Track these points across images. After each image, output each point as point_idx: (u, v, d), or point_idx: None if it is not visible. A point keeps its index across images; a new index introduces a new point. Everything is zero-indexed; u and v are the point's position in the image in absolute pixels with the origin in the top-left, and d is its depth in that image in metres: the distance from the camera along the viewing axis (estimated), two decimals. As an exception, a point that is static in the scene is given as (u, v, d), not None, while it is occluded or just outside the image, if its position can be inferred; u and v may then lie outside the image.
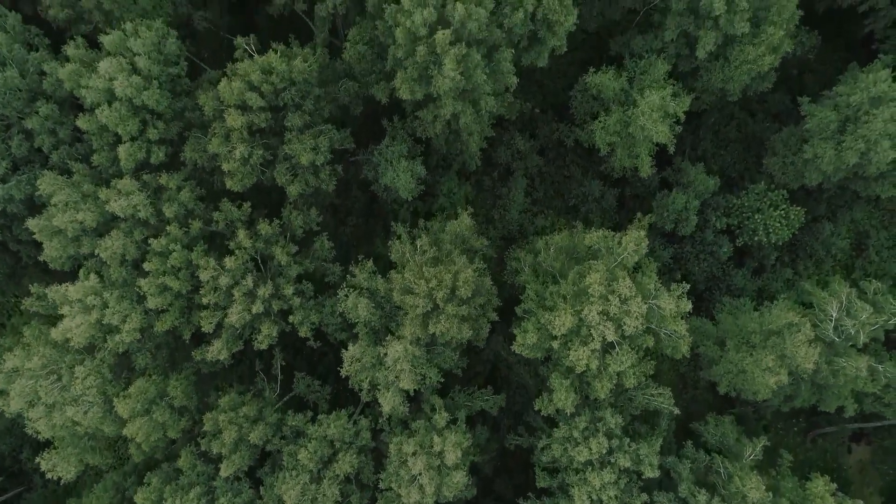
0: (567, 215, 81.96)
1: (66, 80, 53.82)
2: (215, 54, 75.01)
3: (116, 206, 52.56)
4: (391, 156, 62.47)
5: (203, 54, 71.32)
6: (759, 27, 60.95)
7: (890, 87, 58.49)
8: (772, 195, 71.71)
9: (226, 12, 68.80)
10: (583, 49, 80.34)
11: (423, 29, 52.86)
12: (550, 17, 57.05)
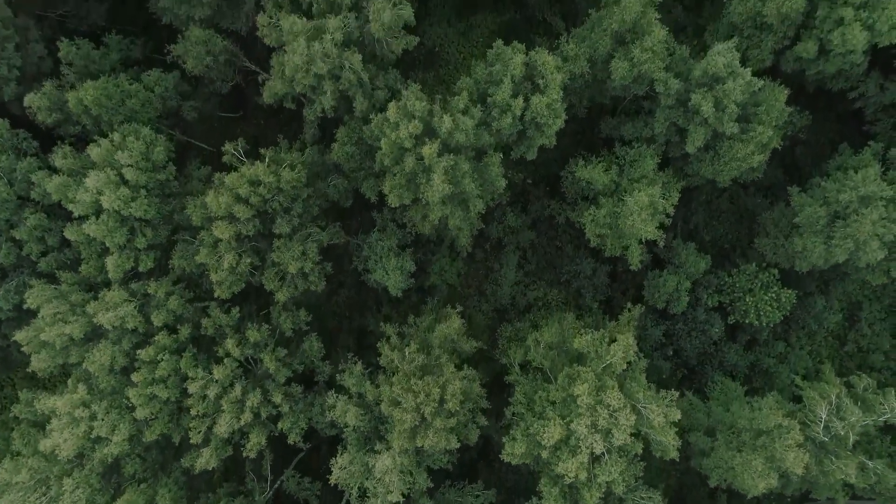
0: (559, 286, 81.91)
1: (54, 193, 53.85)
2: (207, 133, 75.09)
3: (104, 320, 52.55)
4: (381, 250, 62.48)
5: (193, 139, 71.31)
6: (749, 122, 60.93)
7: (878, 187, 58.45)
8: (763, 276, 71.68)
9: (216, 102, 68.64)
10: (575, 121, 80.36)
11: (410, 141, 52.85)
12: (539, 120, 57.04)
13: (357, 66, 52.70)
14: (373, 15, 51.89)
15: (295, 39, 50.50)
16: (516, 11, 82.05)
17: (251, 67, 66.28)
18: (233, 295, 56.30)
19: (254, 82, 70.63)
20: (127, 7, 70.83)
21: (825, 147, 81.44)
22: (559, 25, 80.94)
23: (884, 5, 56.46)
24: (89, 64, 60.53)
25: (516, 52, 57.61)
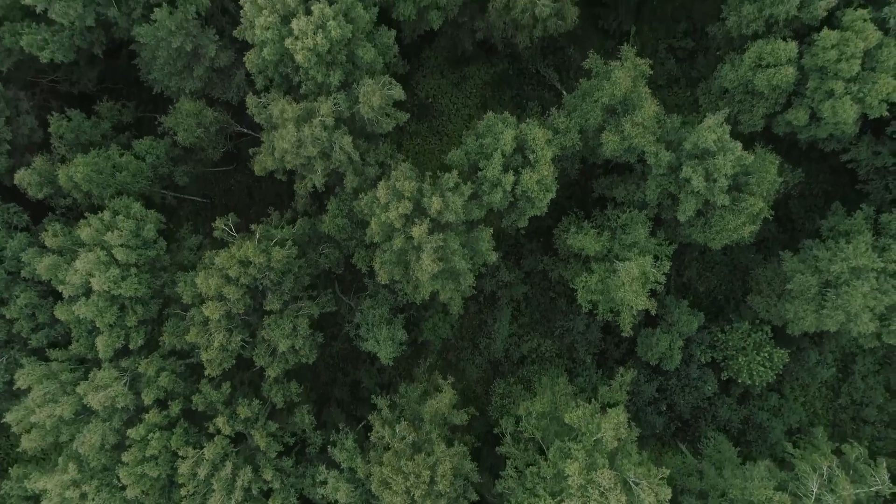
0: (553, 338, 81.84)
1: (44, 273, 53.84)
2: (201, 183, 74.97)
3: (94, 402, 52.52)
4: (372, 318, 62.44)
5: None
6: (740, 192, 60.92)
7: (870, 259, 58.41)
8: (755, 336, 71.67)
9: (208, 163, 68.58)
10: (567, 173, 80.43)
11: (399, 221, 52.83)
12: (530, 195, 57.02)
13: (347, 147, 52.69)
14: (362, 98, 51.89)
15: (284, 125, 50.47)
16: (509, 63, 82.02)
17: (244, 131, 66.40)
18: (224, 371, 56.24)
19: (247, 140, 70.81)
20: (118, 68, 70.76)
21: (819, 198, 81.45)
22: (552, 77, 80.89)
23: (874, 79, 56.43)
24: (80, 135, 60.57)
25: (507, 126, 57.61)
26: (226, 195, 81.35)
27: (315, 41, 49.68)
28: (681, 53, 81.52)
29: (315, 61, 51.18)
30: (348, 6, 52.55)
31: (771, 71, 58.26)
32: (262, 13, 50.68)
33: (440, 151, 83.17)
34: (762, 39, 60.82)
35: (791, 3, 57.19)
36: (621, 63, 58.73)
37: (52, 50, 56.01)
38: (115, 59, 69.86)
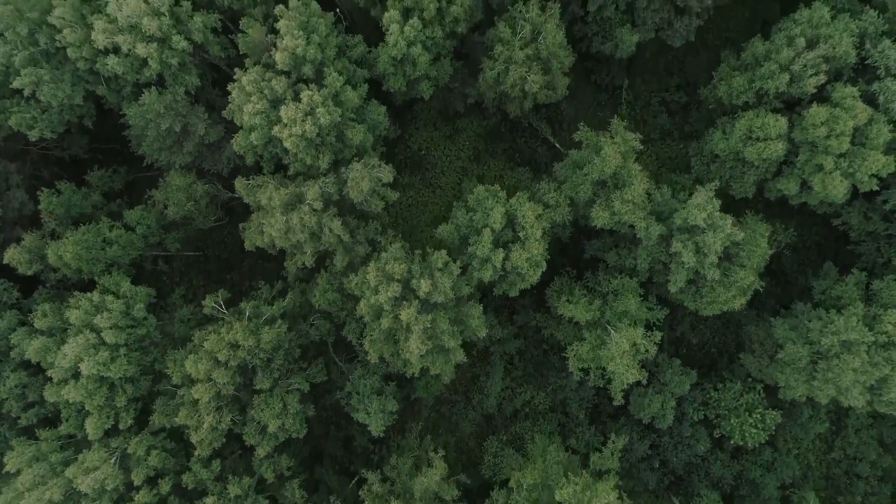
0: (546, 390, 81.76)
1: (34, 357, 53.83)
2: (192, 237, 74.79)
3: (84, 486, 52.45)
4: (363, 389, 62.36)
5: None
6: (731, 262, 60.85)
7: (860, 334, 58.30)
8: (748, 397, 71.59)
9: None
10: (559, 237, 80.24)
11: (388, 304, 52.80)
12: (520, 270, 57.01)
13: (337, 230, 52.68)
14: (351, 183, 51.88)
15: (272, 213, 50.44)
16: (502, 117, 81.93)
17: (236, 195, 66.29)
18: (214, 450, 56.18)
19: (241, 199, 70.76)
20: (109, 128, 70.69)
21: (812, 250, 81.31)
22: (544, 130, 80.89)
23: (864, 156, 56.39)
24: (71, 208, 60.51)
25: (497, 202, 57.55)
26: (218, 247, 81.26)
27: (303, 129, 49.68)
28: (674, 106, 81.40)
29: (304, 146, 51.16)
30: (337, 90, 52.52)
31: (761, 145, 58.23)
32: (249, 100, 50.64)
33: (433, 204, 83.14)
34: (753, 110, 60.81)
35: (781, 80, 57.17)
36: (611, 137, 58.62)
37: (41, 128, 56.00)
38: (107, 119, 69.96)
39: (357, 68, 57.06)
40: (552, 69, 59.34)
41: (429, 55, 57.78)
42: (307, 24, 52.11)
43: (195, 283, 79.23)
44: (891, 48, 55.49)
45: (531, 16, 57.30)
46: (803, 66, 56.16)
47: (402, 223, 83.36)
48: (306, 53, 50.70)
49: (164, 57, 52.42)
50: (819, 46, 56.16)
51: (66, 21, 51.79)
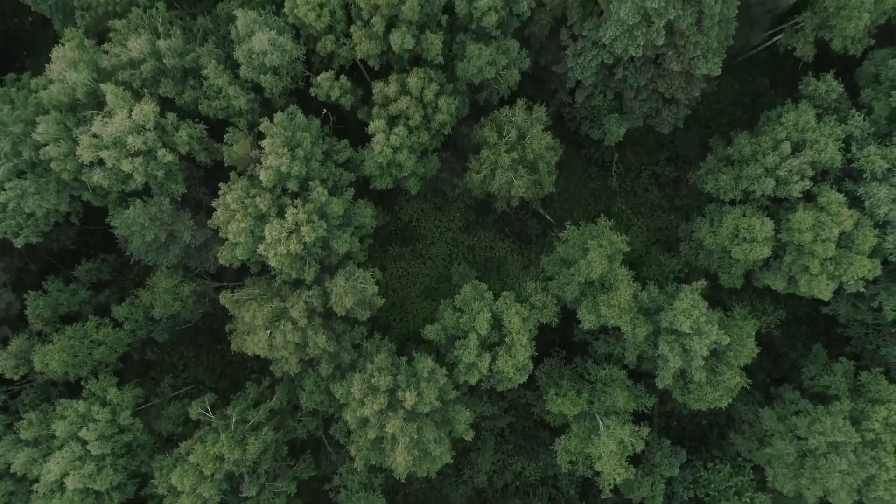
0: (538, 461, 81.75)
1: (20, 469, 53.74)
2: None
3: None
4: (352, 485, 62.38)
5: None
6: (718, 358, 60.87)
7: (847, 435, 58.25)
8: (737, 480, 71.56)
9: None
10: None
11: (374, 416, 52.81)
12: (507, 374, 57.02)
13: (322, 343, 52.63)
14: (335, 298, 51.84)
15: (255, 332, 50.43)
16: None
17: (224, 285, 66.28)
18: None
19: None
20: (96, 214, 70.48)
21: (802, 324, 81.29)
22: (535, 203, 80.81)
23: (850, 260, 56.39)
24: (58, 307, 60.45)
25: (483, 305, 57.51)
26: (209, 318, 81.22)
27: (288, 247, 49.65)
28: (663, 180, 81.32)
29: (289, 262, 51.14)
30: (322, 203, 52.49)
31: (747, 247, 58.24)
32: (234, 218, 50.61)
33: (423, 275, 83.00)
34: (740, 207, 60.81)
35: (767, 185, 57.19)
36: (597, 241, 58.53)
37: (26, 234, 55.97)
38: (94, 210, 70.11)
39: (343, 172, 57.07)
40: (539, 169, 59.31)
41: (415, 157, 57.82)
42: (292, 139, 52.09)
43: (186, 353, 79.17)
44: (876, 153, 55.46)
45: (517, 119, 57.27)
46: (789, 171, 56.15)
47: (391, 295, 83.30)
48: (291, 170, 50.67)
49: (150, 169, 52.40)
50: (805, 152, 56.15)
51: (50, 135, 51.75)
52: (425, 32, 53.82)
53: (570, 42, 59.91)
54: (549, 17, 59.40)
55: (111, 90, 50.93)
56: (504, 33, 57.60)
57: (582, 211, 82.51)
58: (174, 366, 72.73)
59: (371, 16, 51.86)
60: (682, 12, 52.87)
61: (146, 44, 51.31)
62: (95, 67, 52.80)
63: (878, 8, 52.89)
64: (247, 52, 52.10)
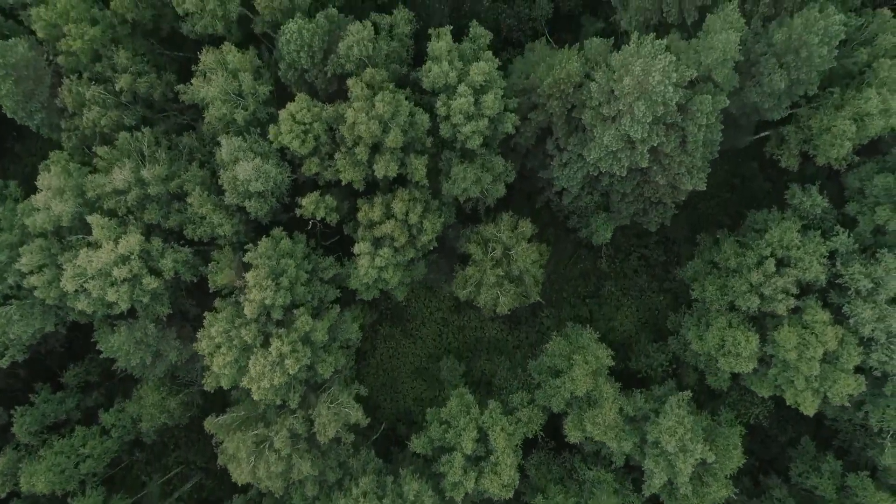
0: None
1: None
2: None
3: None
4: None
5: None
6: (705, 466, 60.95)
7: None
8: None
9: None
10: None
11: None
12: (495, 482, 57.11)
13: (306, 469, 52.72)
14: (318, 427, 51.94)
15: (238, 463, 50.52)
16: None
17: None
18: None
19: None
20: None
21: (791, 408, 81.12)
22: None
23: (835, 377, 56.49)
24: (45, 418, 60.54)
25: (469, 424, 57.59)
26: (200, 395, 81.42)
27: (272, 381, 49.74)
28: (653, 261, 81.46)
29: (273, 392, 51.23)
30: (308, 330, 52.55)
31: (733, 360, 58.37)
32: (219, 351, 50.70)
33: (413, 355, 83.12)
34: (726, 316, 60.87)
35: (752, 302, 57.32)
36: (582, 356, 58.61)
37: (11, 354, 56.05)
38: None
39: (329, 288, 57.17)
40: (525, 282, 59.39)
41: (401, 271, 57.93)
42: (276, 267, 52.18)
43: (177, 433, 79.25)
44: (861, 272, 55.53)
45: (502, 236, 57.36)
46: (773, 289, 56.24)
47: (382, 375, 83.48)
48: (275, 302, 50.76)
49: (135, 296, 52.45)
50: (789, 271, 56.25)
51: (34, 264, 51.84)
52: (410, 156, 53.92)
53: (557, 152, 59.96)
54: (534, 130, 59.45)
55: (96, 222, 51.01)
56: (490, 148, 57.68)
57: (572, 291, 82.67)
58: (165, 447, 72.68)
59: (355, 144, 51.92)
60: (666, 139, 52.97)
61: (130, 174, 51.36)
62: (81, 193, 52.83)
63: (861, 134, 52.93)
64: (231, 178, 52.18)
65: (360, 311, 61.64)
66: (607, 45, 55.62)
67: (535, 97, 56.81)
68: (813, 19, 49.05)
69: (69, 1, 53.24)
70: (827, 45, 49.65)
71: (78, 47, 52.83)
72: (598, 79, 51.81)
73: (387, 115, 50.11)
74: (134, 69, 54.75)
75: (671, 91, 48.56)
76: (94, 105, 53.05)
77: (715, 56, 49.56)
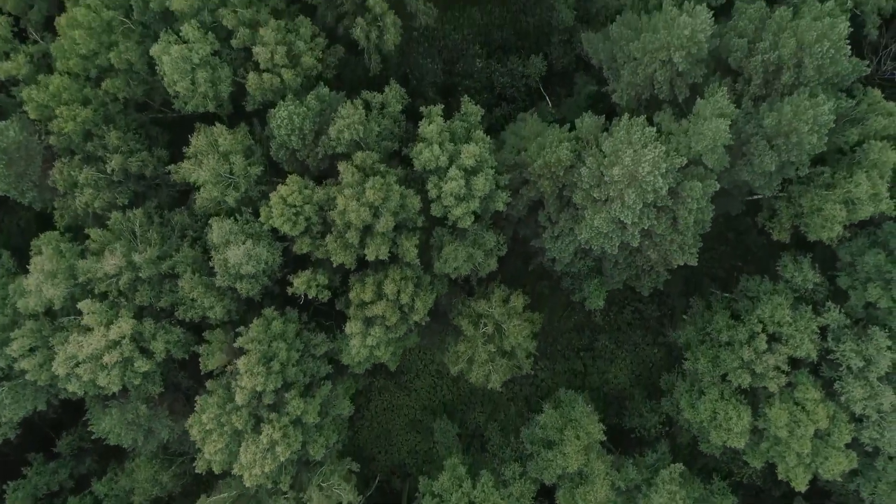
0: None
1: None
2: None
3: None
4: None
5: None
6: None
7: None
8: None
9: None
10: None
11: None
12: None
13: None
14: (311, 513, 52.01)
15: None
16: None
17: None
18: None
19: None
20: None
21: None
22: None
23: (826, 454, 56.58)
24: (38, 490, 60.65)
25: (461, 500, 57.68)
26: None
27: (263, 468, 49.81)
28: (647, 315, 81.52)
29: (264, 478, 51.30)
30: (300, 413, 52.62)
31: (724, 434, 58.45)
32: (210, 437, 50.77)
33: (408, 407, 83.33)
34: (718, 387, 60.91)
35: (744, 378, 57.39)
36: (574, 432, 58.68)
37: (3, 433, 56.10)
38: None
39: (321, 365, 57.26)
40: (517, 355, 59.49)
41: (394, 344, 58.03)
42: (268, 351, 52.25)
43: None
44: (852, 350, 55.57)
45: (494, 312, 57.44)
46: (765, 367, 56.31)
47: (376, 427, 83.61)
48: (266, 388, 50.84)
49: (126, 378, 52.54)
50: (780, 349, 56.32)
51: (25, 348, 51.95)
52: (401, 236, 53.99)
53: (548, 224, 60.02)
54: (526, 203, 59.50)
55: (88, 308, 51.08)
56: (481, 222, 57.74)
57: (566, 343, 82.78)
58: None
59: (346, 229, 51.98)
60: (657, 221, 53.06)
61: (122, 258, 51.43)
62: (73, 275, 52.87)
63: (851, 217, 53.00)
64: (222, 261, 52.23)
65: (353, 382, 61.60)
66: (598, 124, 55.66)
67: (526, 174, 56.87)
68: (803, 108, 49.08)
69: (62, 82, 53.42)
70: (817, 133, 49.69)
71: (70, 129, 52.89)
72: (588, 163, 51.86)
73: (377, 202, 50.17)
74: (125, 148, 54.78)
75: (661, 181, 48.62)
76: (87, 187, 53.09)
77: (705, 143, 49.61)
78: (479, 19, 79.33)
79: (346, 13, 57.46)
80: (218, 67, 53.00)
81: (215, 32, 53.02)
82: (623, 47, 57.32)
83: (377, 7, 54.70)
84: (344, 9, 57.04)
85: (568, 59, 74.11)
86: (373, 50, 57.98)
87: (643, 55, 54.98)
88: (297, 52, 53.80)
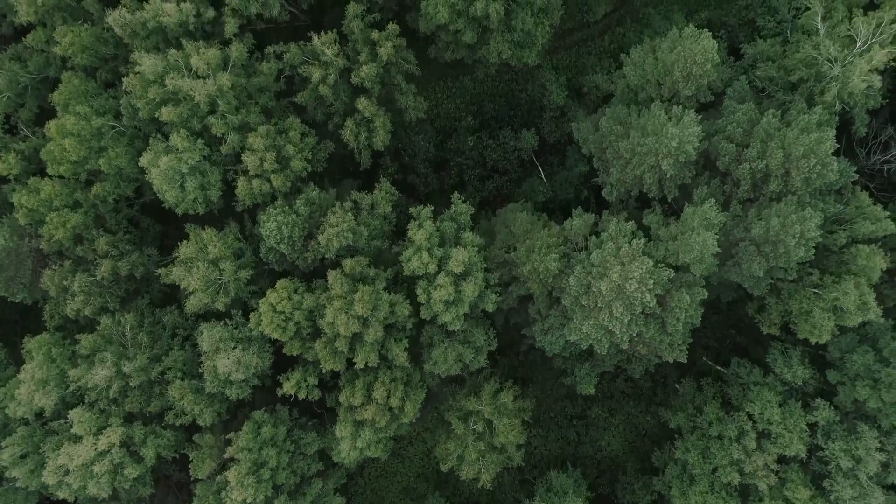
0: None
1: None
2: None
3: None
4: None
5: None
6: None
7: None
8: None
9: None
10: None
11: None
12: None
13: None
14: None
15: None
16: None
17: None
18: None
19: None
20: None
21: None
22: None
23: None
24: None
25: None
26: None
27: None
28: (640, 385, 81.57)
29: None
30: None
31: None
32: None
33: (401, 474, 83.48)
34: (708, 478, 61.05)
35: (733, 477, 57.54)
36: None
37: None
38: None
39: (312, 463, 57.42)
40: (507, 451, 59.61)
41: (384, 442, 58.20)
42: (258, 458, 52.40)
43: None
44: (842, 449, 55.63)
45: (484, 410, 57.56)
46: (754, 468, 56.45)
47: (370, 494, 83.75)
48: (256, 499, 51.01)
49: (117, 483, 52.71)
50: (770, 448, 56.44)
51: (16, 456, 52.15)
52: (390, 341, 54.13)
53: (539, 317, 60.14)
54: (515, 298, 59.62)
55: (78, 417, 51.25)
56: (471, 319, 57.87)
57: (559, 411, 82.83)
58: None
59: (335, 338, 52.13)
60: (646, 328, 53.20)
61: (112, 368, 51.61)
62: (64, 381, 53.05)
63: (840, 322, 53.06)
64: (212, 368, 52.39)
65: (343, 472, 61.77)
66: (588, 223, 55.76)
67: (515, 271, 56.99)
68: (790, 221, 49.18)
69: (53, 188, 53.54)
70: (804, 247, 49.78)
71: (60, 236, 53.04)
72: (577, 272, 51.98)
73: (366, 314, 50.31)
74: (115, 252, 54.93)
75: (648, 297, 48.75)
76: (78, 295, 53.26)
77: (693, 255, 49.73)
78: (472, 88, 79.32)
79: (335, 112, 57.60)
80: (208, 172, 53.12)
81: (205, 138, 53.10)
82: (613, 143, 57.45)
83: (367, 111, 54.79)
84: (333, 109, 57.17)
85: (560, 133, 74.23)
86: (363, 147, 58.10)
87: (632, 156, 55.12)
88: (287, 156, 53.90)
